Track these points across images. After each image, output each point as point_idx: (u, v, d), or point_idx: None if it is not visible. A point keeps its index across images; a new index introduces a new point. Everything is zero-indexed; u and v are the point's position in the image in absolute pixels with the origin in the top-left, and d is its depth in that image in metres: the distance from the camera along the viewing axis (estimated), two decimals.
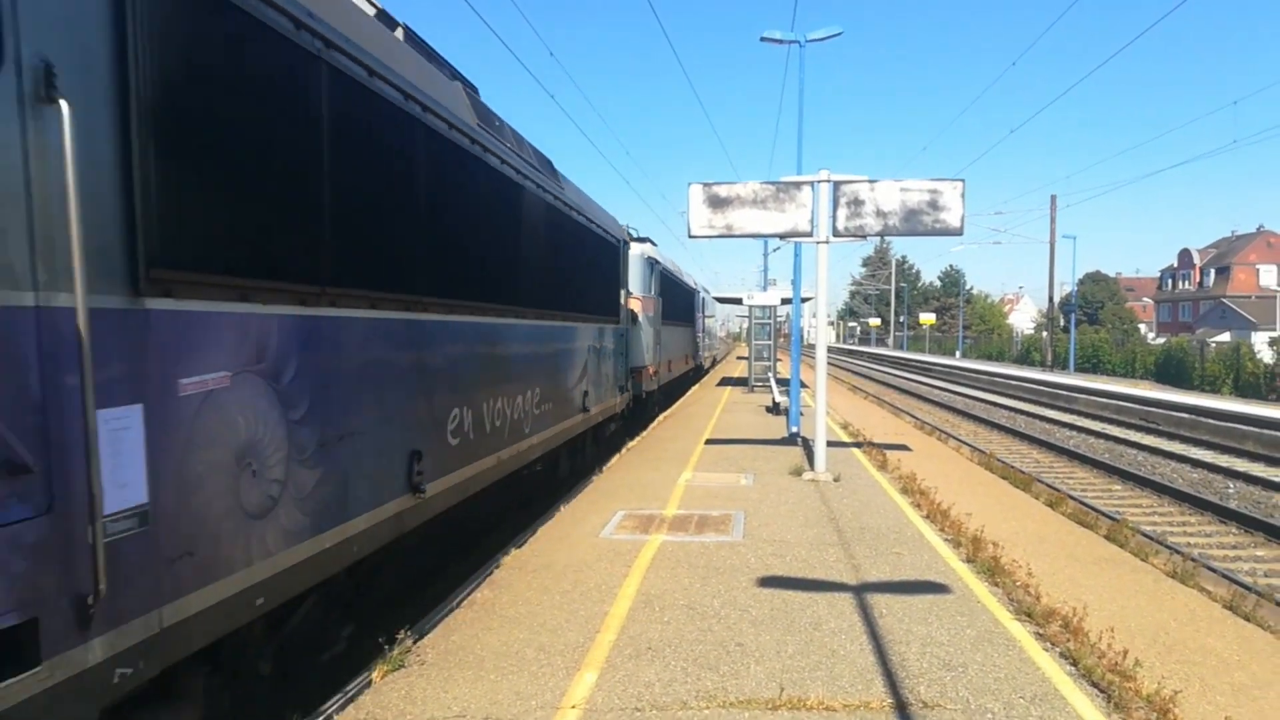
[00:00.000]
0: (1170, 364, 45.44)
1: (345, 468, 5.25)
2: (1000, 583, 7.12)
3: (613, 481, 12.07)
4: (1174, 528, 12.00)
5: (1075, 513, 11.00)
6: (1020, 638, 5.92)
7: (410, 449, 6.30)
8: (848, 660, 5.50)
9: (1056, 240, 50.15)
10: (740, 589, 6.99)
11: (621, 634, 5.95)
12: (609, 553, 8.10)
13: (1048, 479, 15.28)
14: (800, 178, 11.79)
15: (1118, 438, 20.92)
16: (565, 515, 9.88)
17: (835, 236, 11.49)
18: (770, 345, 29.53)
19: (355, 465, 5.39)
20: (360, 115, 5.52)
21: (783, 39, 17.58)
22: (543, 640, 5.84)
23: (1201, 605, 7.12)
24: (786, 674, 5.27)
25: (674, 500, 10.53)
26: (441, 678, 5.23)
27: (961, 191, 11.24)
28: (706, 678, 5.23)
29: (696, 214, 11.56)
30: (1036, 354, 61.03)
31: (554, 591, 6.93)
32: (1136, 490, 14.66)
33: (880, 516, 9.70)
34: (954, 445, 18.82)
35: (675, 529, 9.03)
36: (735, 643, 5.80)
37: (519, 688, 5.07)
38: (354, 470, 5.37)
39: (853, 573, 7.47)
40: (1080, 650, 5.54)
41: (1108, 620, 6.32)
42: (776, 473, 12.56)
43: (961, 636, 5.93)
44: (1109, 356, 54.18)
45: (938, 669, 5.37)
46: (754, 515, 9.70)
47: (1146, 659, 5.62)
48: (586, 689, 5.05)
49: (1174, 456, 17.90)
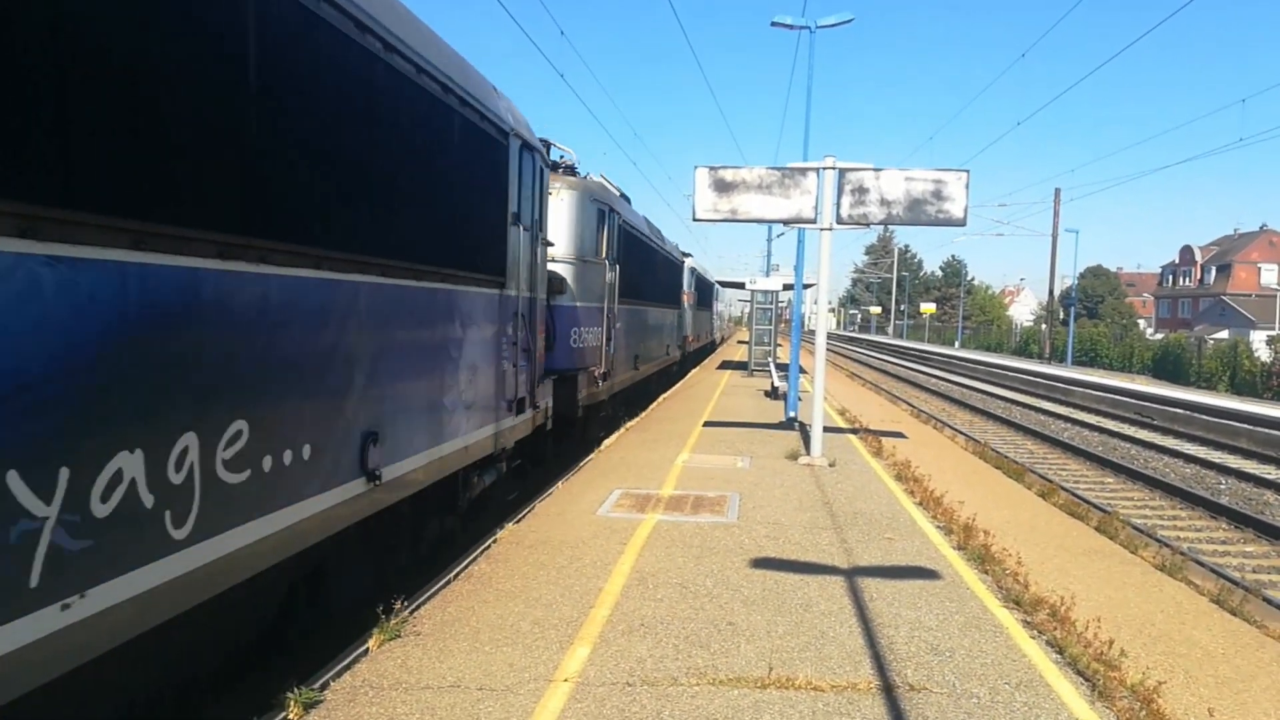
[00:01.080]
0: (1168, 360, 45.55)
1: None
2: (990, 570, 7.20)
3: (611, 460, 12.15)
4: (1164, 521, 12.09)
5: (1067, 504, 11.09)
6: (1008, 625, 6.00)
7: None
8: (837, 642, 5.58)
9: (1059, 233, 50.12)
10: (733, 569, 7.07)
11: (615, 610, 6.03)
12: (605, 530, 8.18)
13: (1041, 470, 15.37)
14: (806, 164, 11.81)
15: (1112, 431, 21.00)
16: (562, 492, 9.96)
17: (839, 224, 11.52)
18: (771, 330, 29.58)
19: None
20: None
21: (793, 24, 17.50)
22: (538, 614, 5.92)
23: (1189, 598, 7.20)
24: (776, 654, 5.35)
25: (671, 480, 10.61)
26: (437, 648, 5.31)
27: (966, 182, 11.27)
28: (697, 655, 5.31)
29: (702, 198, 11.58)
30: (1035, 346, 61.13)
31: (550, 567, 7.01)
32: (1129, 483, 14.75)
33: (874, 502, 9.78)
34: (949, 434, 18.91)
35: (671, 509, 9.11)
36: (727, 622, 5.88)
37: (513, 660, 5.15)
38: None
39: (845, 556, 7.55)
40: (1067, 639, 5.62)
41: (1095, 610, 6.41)
42: (773, 456, 12.64)
43: (950, 622, 6.02)
44: (1107, 350, 54.32)
45: (925, 653, 5.45)
46: (749, 497, 9.78)
47: (1132, 649, 5.70)
48: (579, 663, 5.13)
49: (1167, 451, 17.99)
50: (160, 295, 3.68)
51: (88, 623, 3.30)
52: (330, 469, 5.16)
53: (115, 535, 3.43)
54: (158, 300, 3.67)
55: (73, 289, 3.20)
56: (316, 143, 4.96)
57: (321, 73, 4.98)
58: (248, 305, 4.29)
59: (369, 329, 5.62)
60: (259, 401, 4.39)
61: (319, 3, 4.81)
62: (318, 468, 4.99)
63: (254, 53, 4.24)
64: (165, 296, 3.72)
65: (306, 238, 4.87)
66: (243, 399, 4.25)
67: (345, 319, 5.30)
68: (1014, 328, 79.08)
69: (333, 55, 5.09)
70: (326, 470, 5.10)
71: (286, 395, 4.67)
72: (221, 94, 4.09)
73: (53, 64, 3.09)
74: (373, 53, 5.53)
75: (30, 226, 2.99)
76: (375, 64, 5.57)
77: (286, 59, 4.58)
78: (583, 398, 13.29)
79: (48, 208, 3.06)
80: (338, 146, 5.22)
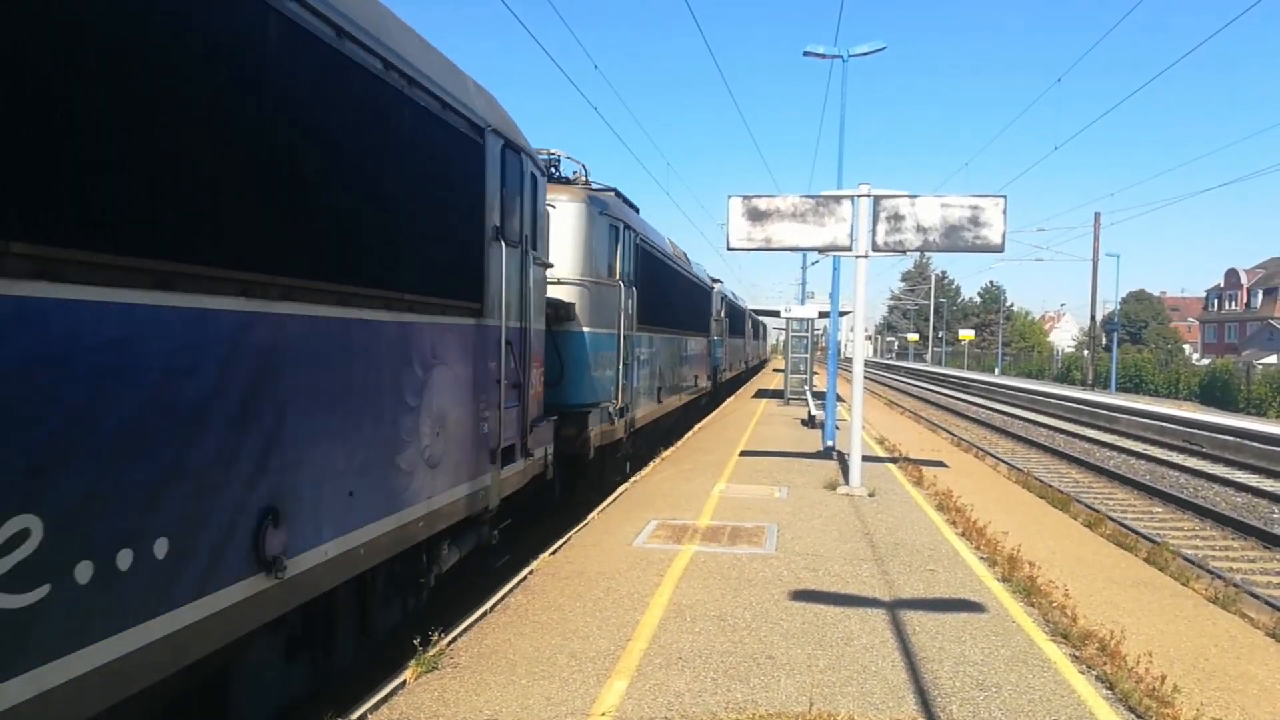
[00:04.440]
0: (1215, 385, 44.55)
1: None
2: (1036, 603, 7.04)
3: (646, 490, 12.10)
4: (1216, 552, 11.77)
5: (1114, 534, 10.84)
6: (1056, 659, 5.86)
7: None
8: (879, 676, 5.47)
9: (1099, 258, 49.47)
10: (772, 601, 6.98)
11: (652, 643, 5.97)
12: (641, 561, 8.13)
13: (1087, 499, 15.05)
14: (840, 192, 11.79)
15: (1159, 459, 20.54)
16: (598, 523, 9.92)
17: (874, 251, 11.46)
18: (807, 358, 29.41)
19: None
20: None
21: (825, 54, 17.56)
22: (574, 647, 5.88)
23: (1243, 632, 6.98)
24: (817, 688, 5.26)
25: (707, 511, 10.53)
26: (474, 680, 5.29)
27: (1003, 208, 11.17)
28: (737, 689, 5.23)
29: (736, 227, 11.59)
30: (1077, 372, 60.16)
31: (586, 598, 6.97)
32: (1178, 513, 14.39)
33: (915, 533, 9.63)
34: (991, 463, 18.61)
35: (708, 540, 9.03)
36: (766, 655, 5.80)
37: (550, 693, 5.11)
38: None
39: (886, 589, 7.43)
40: (1117, 674, 5.47)
41: (1146, 644, 6.23)
42: (811, 486, 12.51)
43: (996, 656, 5.88)
44: (1152, 376, 53.29)
45: (971, 688, 5.33)
46: (787, 528, 9.67)
47: (1185, 685, 5.53)
48: (617, 697, 5.08)
49: (1217, 479, 17.54)
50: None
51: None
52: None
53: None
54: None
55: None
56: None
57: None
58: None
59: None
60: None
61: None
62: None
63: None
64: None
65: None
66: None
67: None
68: (1055, 354, 77.87)
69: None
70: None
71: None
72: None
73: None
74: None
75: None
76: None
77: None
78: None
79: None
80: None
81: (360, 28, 5.00)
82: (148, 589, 3.39)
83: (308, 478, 4.51)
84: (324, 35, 4.61)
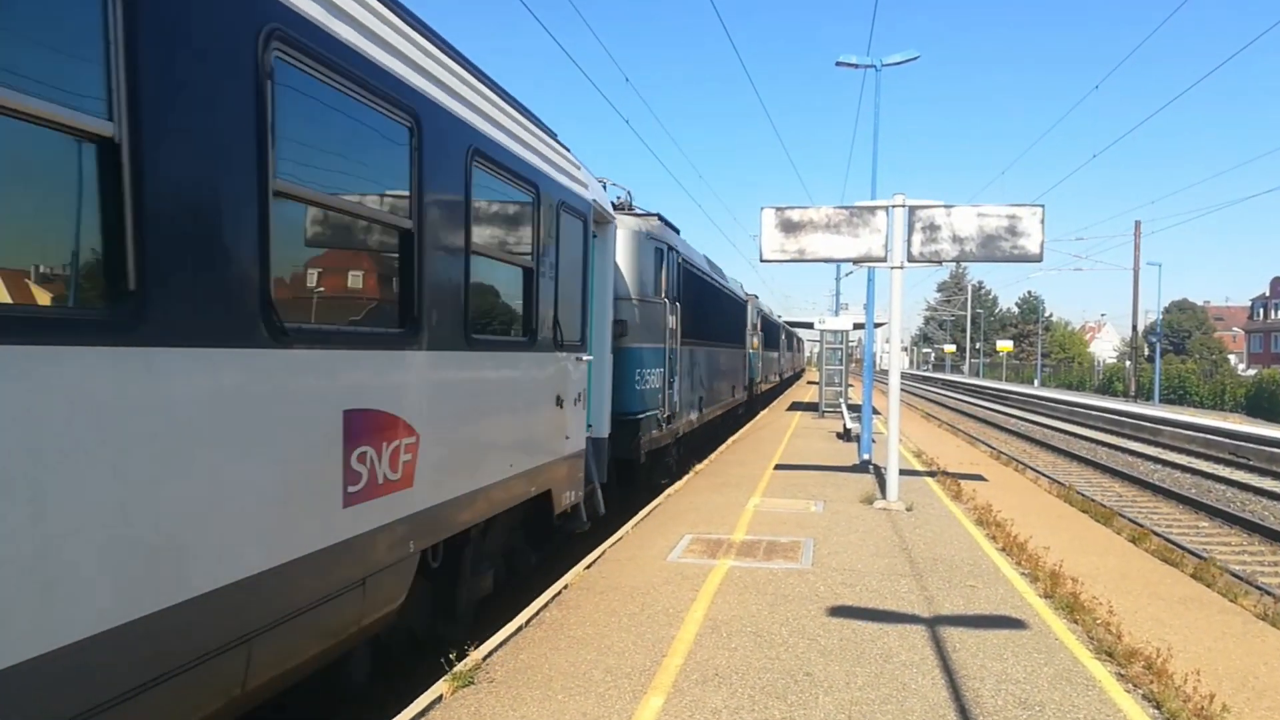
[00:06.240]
0: (1262, 396, 43.61)
1: None
2: (1080, 620, 6.90)
3: (679, 505, 12.06)
4: (1265, 567, 11.49)
5: (1159, 549, 10.62)
6: (1101, 678, 5.74)
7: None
8: (919, 694, 5.39)
9: (1140, 267, 48.73)
10: (809, 617, 6.91)
11: (688, 659, 5.94)
12: (676, 576, 8.09)
13: (1130, 514, 14.77)
14: (874, 202, 11.71)
15: (1205, 472, 20.12)
16: (632, 537, 9.90)
17: (910, 262, 11.37)
18: (842, 370, 29.20)
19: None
20: None
21: (858, 64, 17.49)
22: (610, 662, 5.86)
23: None
24: (855, 706, 5.20)
25: (742, 525, 10.47)
26: (510, 696, 5.28)
27: (1041, 217, 11.04)
28: (774, 707, 5.18)
29: (769, 238, 11.56)
30: (1119, 384, 59.19)
31: (621, 614, 6.94)
32: (1225, 527, 14.07)
33: (954, 548, 9.50)
34: (1031, 476, 18.33)
35: (743, 554, 8.98)
36: (803, 672, 5.74)
37: (586, 709, 5.09)
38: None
39: (925, 605, 7.33)
40: (1165, 693, 5.34)
41: (1194, 662, 6.09)
42: (847, 500, 12.40)
43: (1039, 674, 5.77)
44: (1196, 388, 52.32)
45: (1014, 707, 5.23)
46: (824, 543, 9.59)
47: (1235, 704, 5.39)
48: (653, 713, 5.05)
49: (1266, 493, 17.13)
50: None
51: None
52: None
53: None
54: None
55: None
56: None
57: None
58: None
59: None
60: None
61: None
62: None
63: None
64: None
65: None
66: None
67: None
68: (1096, 365, 76.67)
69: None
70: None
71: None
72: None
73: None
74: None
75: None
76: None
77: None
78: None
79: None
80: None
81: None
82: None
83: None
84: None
